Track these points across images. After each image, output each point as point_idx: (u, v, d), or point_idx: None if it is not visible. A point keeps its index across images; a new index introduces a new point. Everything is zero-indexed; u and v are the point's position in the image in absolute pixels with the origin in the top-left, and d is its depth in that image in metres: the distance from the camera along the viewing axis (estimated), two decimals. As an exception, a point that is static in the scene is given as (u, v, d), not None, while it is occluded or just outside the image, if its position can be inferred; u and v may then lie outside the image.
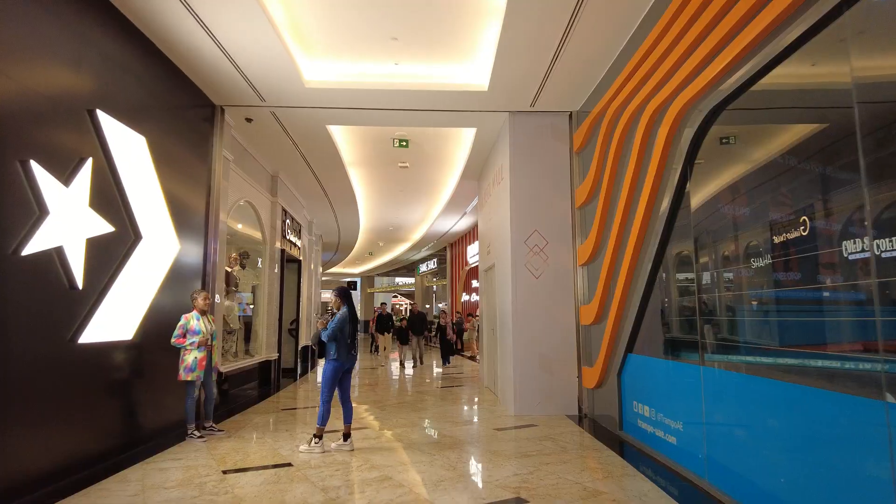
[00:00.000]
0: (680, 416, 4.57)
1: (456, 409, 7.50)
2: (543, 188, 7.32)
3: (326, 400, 5.13)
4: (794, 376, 3.38)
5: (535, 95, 6.89)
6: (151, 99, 5.51)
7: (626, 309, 5.77)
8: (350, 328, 5.25)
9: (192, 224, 6.44)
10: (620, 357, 5.82)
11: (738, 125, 4.21)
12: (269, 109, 7.22)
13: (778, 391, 3.34)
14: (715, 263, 4.48)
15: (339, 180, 11.02)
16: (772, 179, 3.78)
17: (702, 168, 4.47)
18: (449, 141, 9.17)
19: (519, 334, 7.05)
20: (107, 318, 4.64)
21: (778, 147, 3.74)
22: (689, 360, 4.66)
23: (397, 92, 6.72)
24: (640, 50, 5.30)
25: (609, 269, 6.12)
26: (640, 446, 5.30)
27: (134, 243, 5.08)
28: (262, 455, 5.03)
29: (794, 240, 3.38)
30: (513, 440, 5.63)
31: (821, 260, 3.17)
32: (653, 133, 5.17)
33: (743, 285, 4.03)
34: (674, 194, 4.74)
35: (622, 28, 5.40)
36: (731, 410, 3.83)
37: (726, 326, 4.45)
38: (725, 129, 4.29)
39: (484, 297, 10.07)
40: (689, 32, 4.43)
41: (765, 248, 3.68)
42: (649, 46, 5.09)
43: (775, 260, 3.57)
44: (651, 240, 5.20)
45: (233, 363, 8.31)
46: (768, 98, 3.84)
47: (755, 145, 4.09)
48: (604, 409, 6.60)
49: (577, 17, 5.15)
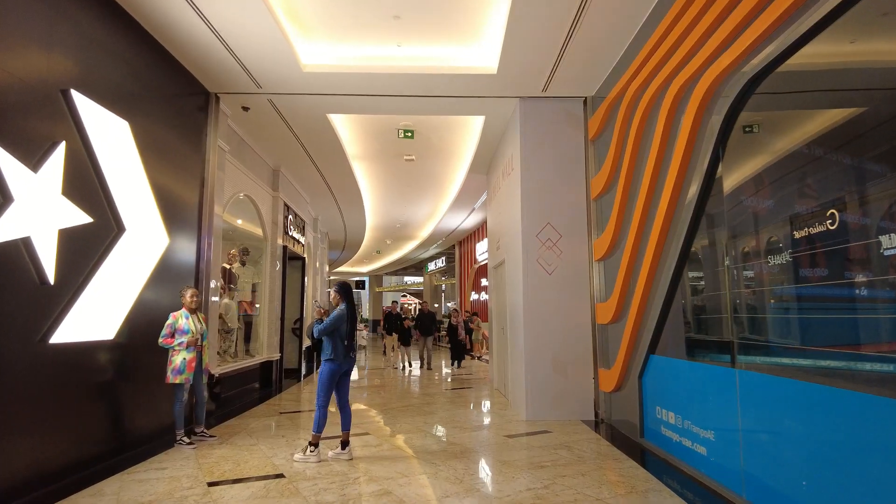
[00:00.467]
0: (711, 424, 4.11)
1: (464, 414, 7.09)
2: (556, 178, 6.88)
3: (322, 405, 4.74)
4: (850, 382, 2.93)
5: (548, 79, 6.45)
6: (136, 82, 5.15)
7: (649, 306, 5.32)
8: (348, 327, 4.85)
9: (184, 217, 6.08)
10: (642, 359, 5.37)
11: (767, 111, 3.76)
12: (266, 97, 6.85)
13: (833, 399, 2.89)
14: (751, 254, 4.03)
15: (343, 175, 10.64)
16: (815, 162, 3.34)
17: (735, 151, 4.01)
18: (456, 131, 8.75)
19: (530, 334, 6.62)
20: (84, 317, 4.28)
21: (826, 126, 3.30)
22: (721, 362, 4.21)
23: (400, 76, 6.31)
24: (662, 23, 4.85)
25: (629, 264, 5.67)
26: (664, 456, 4.85)
27: (116, 236, 4.72)
28: (254, 464, 4.64)
29: (837, 231, 2.94)
30: (525, 448, 5.20)
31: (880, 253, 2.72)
32: (679, 112, 4.72)
33: (785, 279, 3.58)
34: (703, 180, 4.29)
35: (641, 1, 4.95)
36: (774, 420, 3.38)
37: (764, 325, 4.00)
38: (752, 117, 3.84)
39: (493, 296, 9.64)
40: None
41: (809, 238, 3.23)
42: (674, 17, 4.64)
43: (822, 251, 3.13)
44: (677, 231, 4.75)
45: (231, 364, 7.96)
46: (802, 80, 3.40)
47: (801, 123, 3.65)
48: (622, 415, 6.16)
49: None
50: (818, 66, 3.40)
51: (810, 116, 3.65)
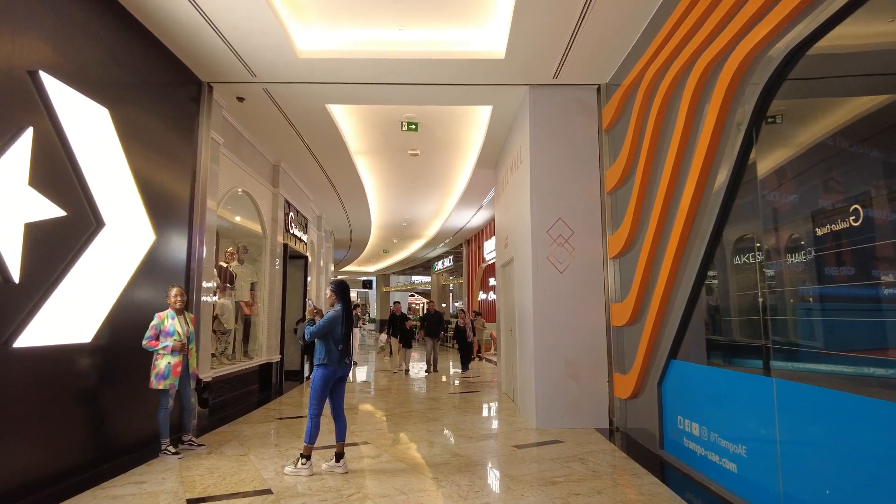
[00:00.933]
0: (743, 438, 3.69)
1: (470, 421, 6.70)
2: (568, 171, 6.47)
3: (315, 414, 4.37)
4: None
5: (559, 66, 6.04)
6: (119, 67, 4.82)
7: (670, 307, 4.90)
8: (344, 329, 4.48)
9: (174, 212, 5.75)
10: (662, 364, 4.95)
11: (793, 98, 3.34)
12: (261, 86, 6.50)
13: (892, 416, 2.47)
14: (789, 248, 3.61)
15: (346, 171, 10.29)
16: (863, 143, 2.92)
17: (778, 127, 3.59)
18: (462, 124, 8.36)
19: (541, 336, 6.21)
20: (56, 318, 3.94)
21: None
22: (754, 369, 3.80)
23: (402, 62, 5.93)
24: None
25: (647, 261, 5.25)
26: (686, 470, 4.44)
27: (94, 231, 4.38)
28: (241, 478, 4.29)
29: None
30: (535, 461, 4.80)
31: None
32: (705, 95, 4.31)
33: (832, 277, 3.16)
34: (734, 166, 3.87)
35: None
36: (820, 437, 2.96)
37: (805, 329, 3.57)
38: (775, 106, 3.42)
39: (501, 296, 9.23)
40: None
41: (857, 230, 2.81)
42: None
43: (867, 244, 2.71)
44: (702, 223, 4.33)
45: (228, 366, 7.63)
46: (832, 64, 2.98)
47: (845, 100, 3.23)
48: (639, 422, 5.74)
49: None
50: (852, 49, 3.01)
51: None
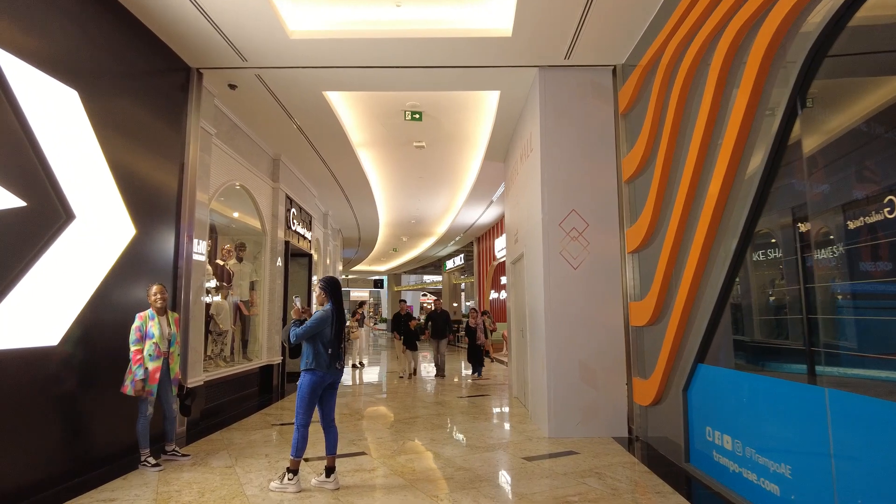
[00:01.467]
0: (787, 456, 3.20)
1: (477, 428, 6.24)
2: (582, 159, 5.99)
3: (302, 424, 3.95)
4: None
5: (571, 44, 5.57)
6: (93, 48, 4.45)
7: (696, 305, 4.41)
8: (334, 331, 4.06)
9: (159, 206, 5.38)
10: (688, 368, 4.47)
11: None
12: (252, 71, 6.11)
13: None
14: (842, 238, 3.11)
15: (349, 165, 9.90)
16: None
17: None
18: (469, 112, 7.91)
19: (553, 337, 5.74)
20: (15, 320, 3.58)
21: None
22: (799, 376, 3.31)
23: (400, 41, 5.50)
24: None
25: (671, 255, 4.76)
26: (717, 488, 3.95)
27: (62, 224, 4.02)
28: (222, 494, 3.89)
29: None
30: (547, 476, 4.34)
31: None
32: (736, 63, 3.81)
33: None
34: (772, 145, 3.38)
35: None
36: (887, 459, 2.47)
37: (859, 330, 3.07)
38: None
39: (511, 294, 8.77)
40: None
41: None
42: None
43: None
44: (735, 211, 3.84)
45: (224, 369, 7.27)
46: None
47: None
48: (661, 431, 5.25)
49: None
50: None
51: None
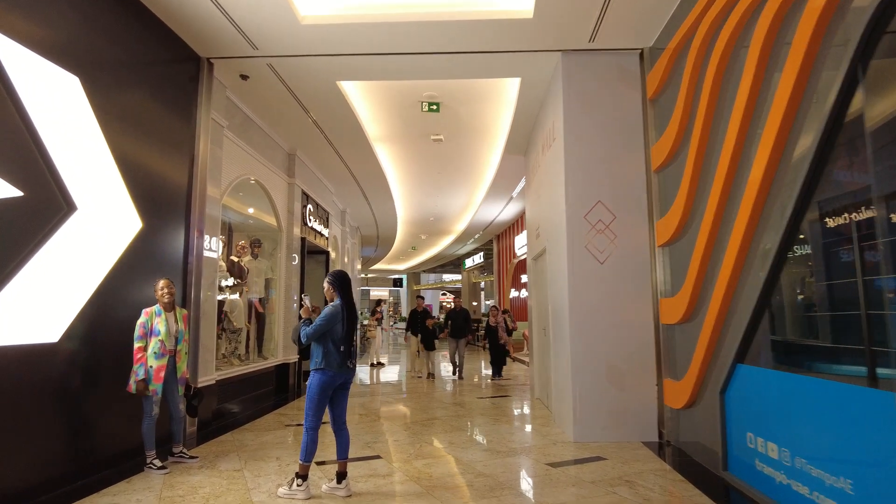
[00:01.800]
0: (848, 468, 2.85)
1: (498, 431, 5.96)
2: (608, 147, 5.66)
3: (312, 427, 3.73)
4: None
5: (595, 26, 5.25)
6: (94, 31, 4.29)
7: (735, 302, 4.07)
8: (345, 328, 3.83)
9: (168, 199, 5.23)
10: (725, 369, 4.12)
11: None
12: (264, 61, 5.92)
13: None
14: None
15: (366, 159, 9.69)
16: None
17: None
18: (488, 102, 7.62)
19: (578, 336, 5.43)
20: (11, 315, 3.42)
21: None
22: (857, 379, 2.96)
23: (416, 25, 5.24)
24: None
25: (706, 248, 4.42)
26: (761, 500, 3.60)
27: (63, 216, 3.86)
28: (227, 501, 3.69)
29: None
30: (573, 484, 4.05)
31: None
32: (781, 34, 3.47)
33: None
34: (826, 123, 3.03)
35: None
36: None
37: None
38: None
39: (533, 291, 8.45)
40: None
41: None
42: None
43: None
44: (780, 199, 3.50)
45: (239, 367, 7.12)
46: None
47: None
48: (694, 435, 4.91)
49: None
50: None
51: None
